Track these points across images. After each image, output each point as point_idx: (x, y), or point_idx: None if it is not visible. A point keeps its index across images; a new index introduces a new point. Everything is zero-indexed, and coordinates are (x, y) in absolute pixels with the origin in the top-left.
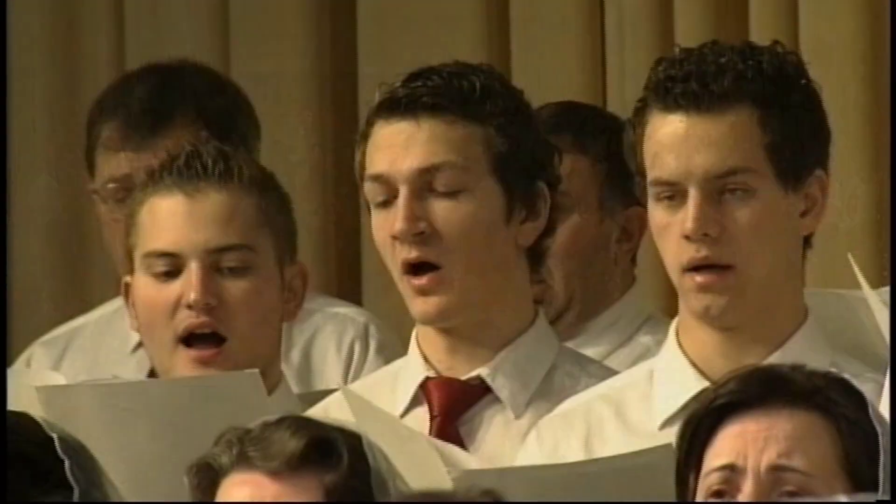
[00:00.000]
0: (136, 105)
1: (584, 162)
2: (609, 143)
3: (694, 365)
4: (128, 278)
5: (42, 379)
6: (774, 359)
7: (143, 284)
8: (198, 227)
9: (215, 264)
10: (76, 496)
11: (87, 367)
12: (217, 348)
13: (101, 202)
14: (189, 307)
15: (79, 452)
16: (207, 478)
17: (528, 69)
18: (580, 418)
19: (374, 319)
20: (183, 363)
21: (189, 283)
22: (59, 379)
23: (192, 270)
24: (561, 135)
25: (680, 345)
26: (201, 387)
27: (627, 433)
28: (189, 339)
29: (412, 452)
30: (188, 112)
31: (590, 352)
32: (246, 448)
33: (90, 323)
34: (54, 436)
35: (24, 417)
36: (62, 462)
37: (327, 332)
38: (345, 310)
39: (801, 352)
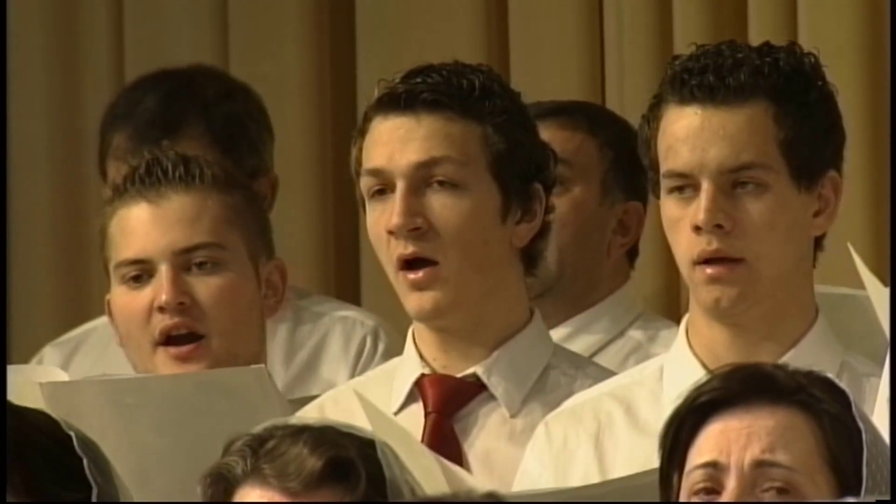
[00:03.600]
0: (145, 116)
1: (592, 142)
2: (617, 134)
3: (704, 365)
4: (108, 296)
5: (45, 375)
6: (787, 359)
7: (118, 294)
8: (163, 231)
9: (185, 265)
10: (95, 495)
11: (94, 368)
12: (195, 344)
13: None
14: (162, 310)
15: (94, 451)
16: (221, 488)
17: (526, 69)
18: (589, 414)
19: (383, 323)
20: (163, 362)
21: (160, 286)
22: (62, 375)
23: (162, 273)
24: (574, 116)
25: (690, 344)
26: (206, 382)
27: (637, 433)
28: (167, 341)
29: (420, 468)
30: (196, 122)
31: (580, 344)
32: (260, 462)
33: (101, 325)
34: (72, 434)
35: (43, 415)
36: (80, 460)
37: (336, 335)
38: (353, 313)
39: (812, 352)
